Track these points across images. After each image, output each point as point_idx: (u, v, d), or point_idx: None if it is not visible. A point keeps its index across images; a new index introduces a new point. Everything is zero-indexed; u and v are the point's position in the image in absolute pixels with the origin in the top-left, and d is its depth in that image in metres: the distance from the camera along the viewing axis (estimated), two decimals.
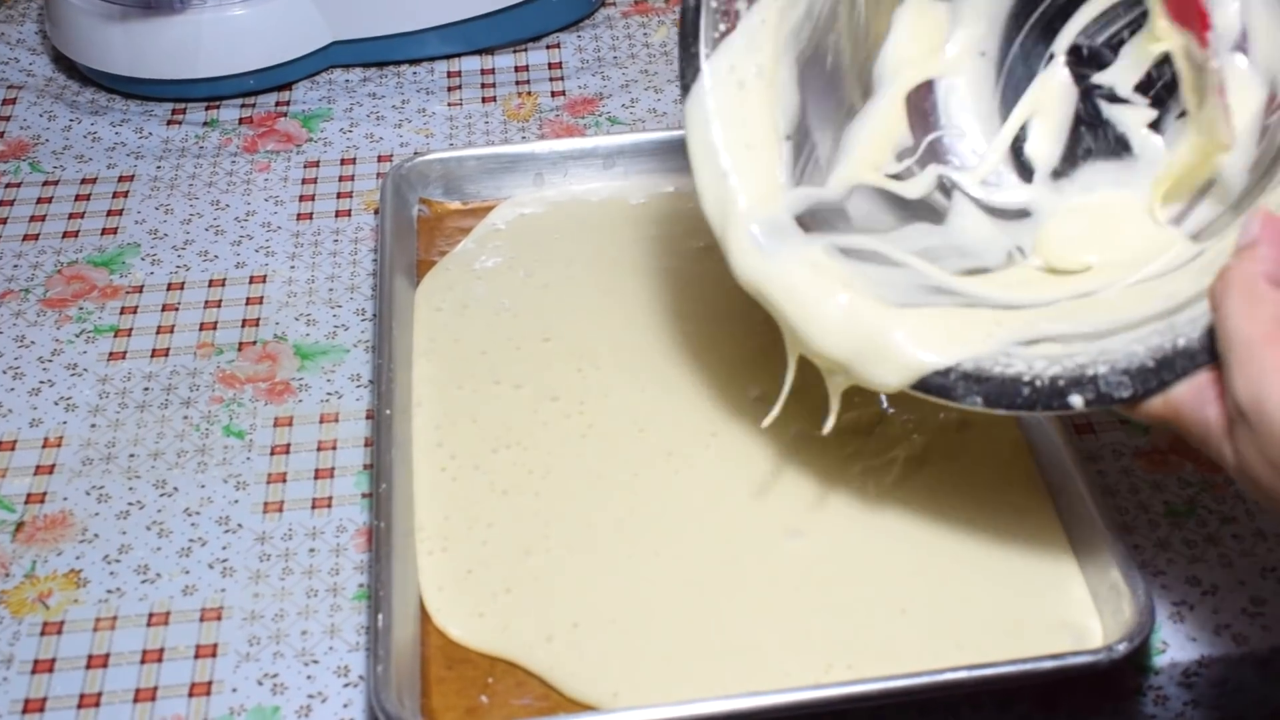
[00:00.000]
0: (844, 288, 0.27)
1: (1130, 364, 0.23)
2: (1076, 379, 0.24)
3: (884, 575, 0.29)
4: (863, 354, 0.26)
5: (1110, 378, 0.23)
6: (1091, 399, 0.24)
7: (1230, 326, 0.21)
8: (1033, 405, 0.24)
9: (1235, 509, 0.32)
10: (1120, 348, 0.24)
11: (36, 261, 0.40)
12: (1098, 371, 0.24)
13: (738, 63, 0.28)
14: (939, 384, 0.25)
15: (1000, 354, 0.25)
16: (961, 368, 0.25)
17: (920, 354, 0.25)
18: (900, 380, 0.26)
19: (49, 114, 0.46)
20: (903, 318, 0.26)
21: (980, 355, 0.25)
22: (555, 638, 0.28)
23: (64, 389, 0.36)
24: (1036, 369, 0.24)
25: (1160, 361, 0.23)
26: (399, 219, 0.38)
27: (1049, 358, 0.25)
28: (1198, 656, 0.29)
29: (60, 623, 0.30)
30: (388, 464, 0.31)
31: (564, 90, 0.46)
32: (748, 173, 0.28)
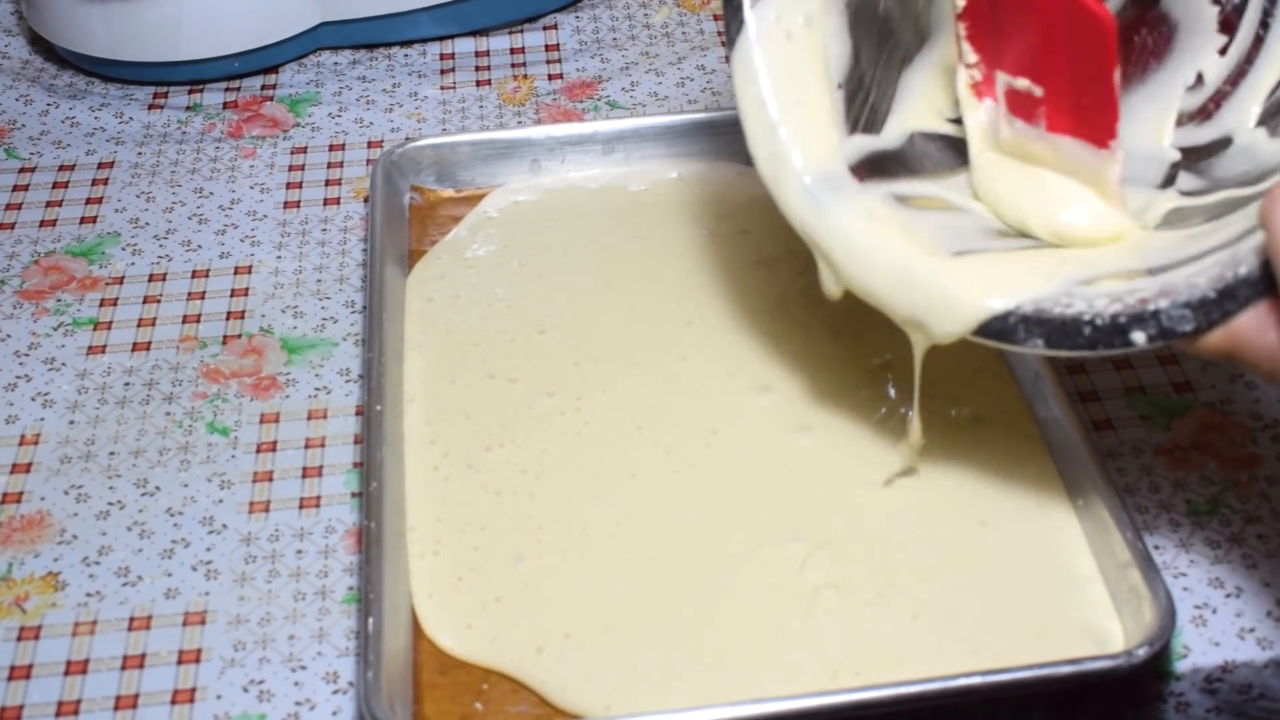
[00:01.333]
0: (902, 235, 0.26)
1: (1192, 296, 0.23)
2: (1138, 315, 0.23)
3: (893, 579, 0.28)
4: (923, 302, 0.25)
5: (1172, 311, 0.23)
6: (1154, 334, 0.23)
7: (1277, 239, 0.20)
8: (1095, 344, 0.24)
9: (1260, 508, 0.31)
10: (1182, 280, 0.23)
11: (12, 252, 0.39)
12: (1159, 306, 0.23)
13: (784, 13, 0.27)
14: (998, 328, 0.25)
15: (1062, 294, 0.24)
16: (1021, 310, 0.24)
17: (980, 299, 0.25)
18: (962, 327, 0.25)
19: (25, 98, 0.45)
20: (962, 264, 0.25)
21: (1041, 297, 0.25)
22: (546, 649, 0.27)
23: (41, 384, 0.35)
24: (1097, 307, 0.24)
25: (1222, 291, 0.22)
26: (390, 207, 0.37)
27: (1111, 295, 0.24)
28: (1221, 661, 0.28)
29: (37, 627, 0.29)
30: (378, 462, 0.30)
31: (561, 73, 0.45)
32: (799, 126, 0.27)
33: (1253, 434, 0.32)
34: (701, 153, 0.39)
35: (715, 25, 0.48)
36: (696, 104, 0.44)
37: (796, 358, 0.33)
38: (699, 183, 0.39)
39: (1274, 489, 0.31)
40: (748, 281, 0.36)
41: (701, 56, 0.46)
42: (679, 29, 0.47)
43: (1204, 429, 0.32)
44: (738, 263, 0.37)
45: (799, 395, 0.33)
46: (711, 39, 0.47)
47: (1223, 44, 0.26)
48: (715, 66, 0.45)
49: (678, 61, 0.46)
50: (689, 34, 0.47)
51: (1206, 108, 0.27)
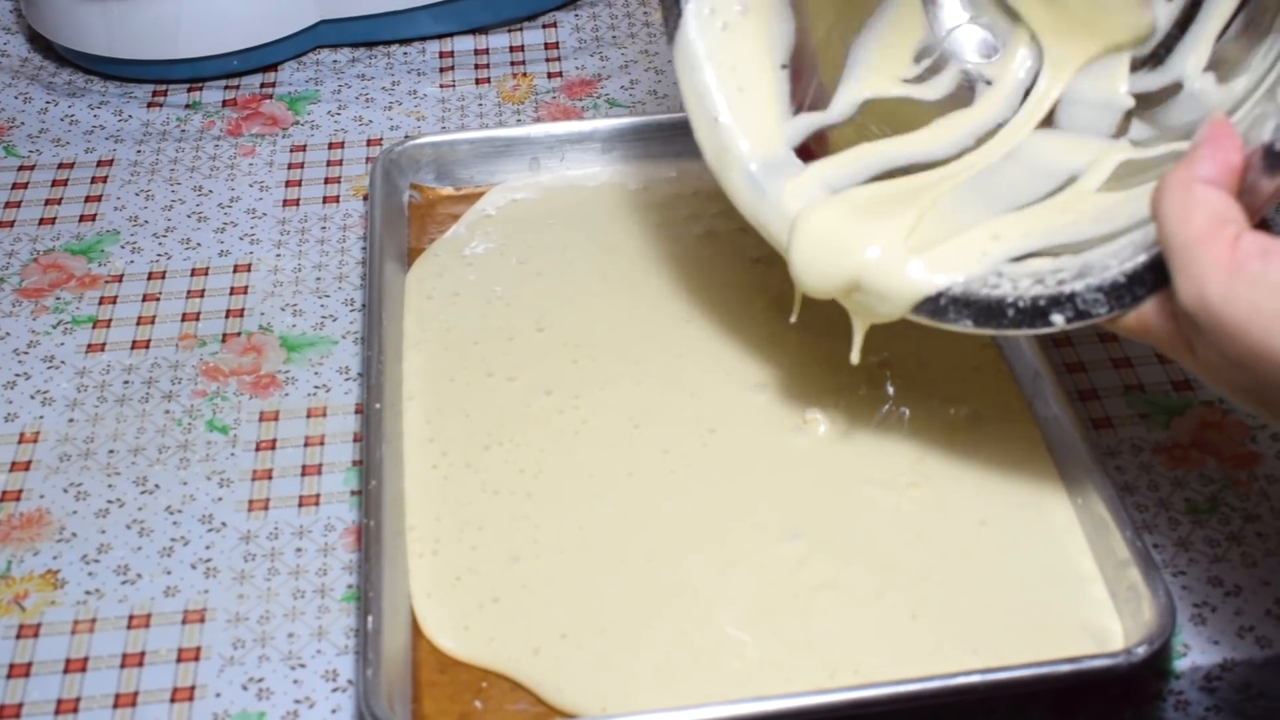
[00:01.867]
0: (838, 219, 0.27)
1: (1104, 280, 0.24)
2: (1056, 298, 0.24)
3: (892, 579, 0.28)
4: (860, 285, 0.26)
5: (1087, 295, 0.24)
6: (1071, 316, 0.24)
7: (1168, 232, 0.21)
8: (1018, 325, 0.25)
9: (1259, 506, 0.31)
10: (1098, 262, 0.24)
11: (11, 250, 0.39)
12: (1075, 289, 0.24)
13: (718, 4, 0.28)
14: (930, 309, 0.26)
15: (990, 274, 0.25)
16: (951, 291, 0.26)
17: (914, 281, 0.26)
18: (899, 308, 0.26)
19: (24, 96, 0.45)
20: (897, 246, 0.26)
21: (971, 277, 0.25)
22: (542, 650, 0.27)
23: (40, 382, 0.35)
24: (1020, 289, 0.25)
25: (1131, 277, 0.23)
26: (389, 205, 0.37)
27: (1034, 275, 0.25)
28: (1220, 660, 0.28)
29: (37, 625, 0.29)
30: (377, 460, 0.30)
31: (561, 71, 0.45)
32: (742, 113, 0.28)
33: (1252, 432, 0.32)
34: (698, 152, 0.39)
35: None
36: None
37: (794, 356, 0.33)
38: (697, 181, 0.39)
39: (1273, 487, 0.31)
40: (746, 279, 0.36)
41: None
42: None
43: (1203, 427, 0.32)
44: (736, 260, 0.37)
45: (796, 393, 0.33)
46: None
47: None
48: None
49: None
50: None
51: (1157, 53, 0.27)
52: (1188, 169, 0.20)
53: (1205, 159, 0.20)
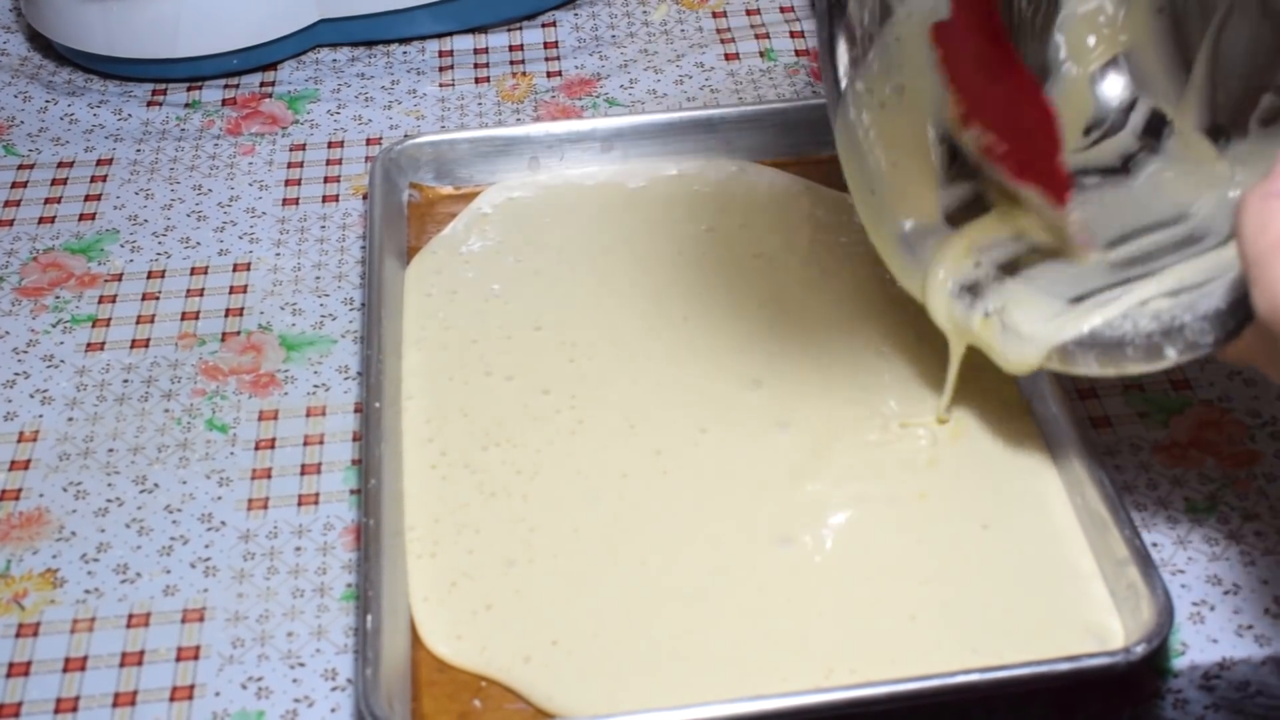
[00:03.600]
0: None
1: (1209, 308, 0.24)
2: (1168, 331, 0.24)
3: (888, 580, 0.28)
4: (1008, 344, 0.28)
5: (1194, 325, 0.24)
6: (1182, 348, 0.24)
7: (1245, 246, 0.20)
8: (1138, 362, 0.25)
9: (1258, 505, 0.31)
10: (1209, 293, 0.24)
11: (11, 249, 0.39)
12: (1184, 321, 0.24)
13: (874, 85, 0.29)
14: (1059, 354, 0.27)
15: (1118, 318, 0.26)
16: (1079, 337, 0.27)
17: (1049, 334, 0.27)
18: (1039, 357, 0.27)
19: (24, 94, 0.45)
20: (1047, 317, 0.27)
21: (1097, 324, 0.26)
22: (533, 658, 0.27)
23: (39, 381, 0.35)
24: (1140, 326, 0.25)
25: (1233, 303, 0.23)
26: (388, 204, 0.37)
27: (1154, 313, 0.25)
28: (1219, 659, 0.28)
29: (36, 624, 0.29)
30: (376, 459, 0.30)
31: (560, 70, 0.45)
32: (896, 186, 0.30)
33: (1251, 431, 0.32)
34: (700, 150, 0.39)
35: (714, 23, 0.48)
36: (695, 101, 0.44)
37: (791, 351, 0.33)
38: (698, 179, 0.39)
39: (1272, 486, 0.31)
40: (745, 275, 0.36)
41: (700, 54, 0.46)
42: (678, 26, 0.47)
43: (1202, 426, 0.32)
44: (735, 257, 0.37)
45: (792, 390, 0.32)
46: (710, 36, 0.47)
47: None
48: (714, 64, 0.45)
49: (676, 59, 0.46)
50: (688, 31, 0.47)
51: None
52: (1266, 183, 0.20)
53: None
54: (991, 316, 0.28)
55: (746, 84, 0.44)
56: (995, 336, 0.28)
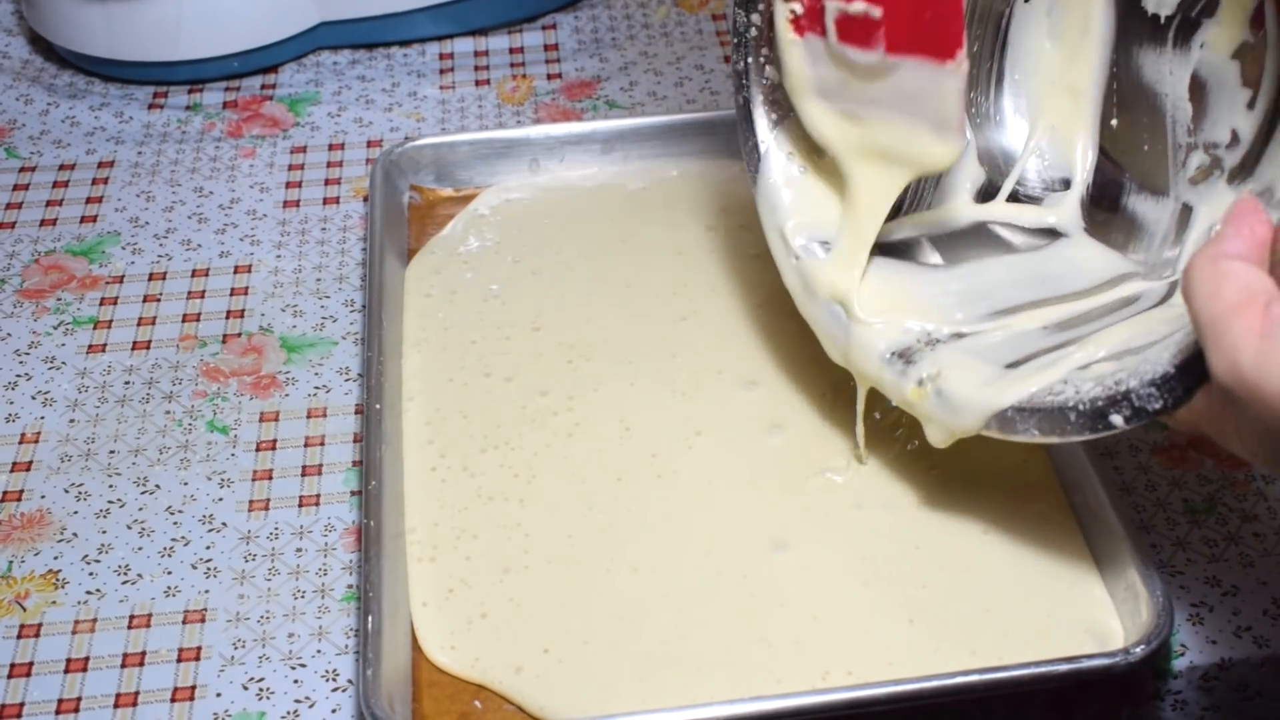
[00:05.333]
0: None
1: (1156, 373, 0.23)
2: (1113, 397, 0.24)
3: (885, 584, 0.28)
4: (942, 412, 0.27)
5: (1141, 391, 0.23)
6: (1129, 415, 0.23)
7: (1196, 309, 0.20)
8: (1081, 429, 0.24)
9: (1257, 506, 0.31)
10: (1154, 358, 0.23)
11: (13, 251, 0.39)
12: (1129, 386, 0.23)
13: (795, 149, 0.30)
14: (999, 420, 0.26)
15: (1057, 383, 0.25)
16: (1016, 403, 0.26)
17: (990, 394, 0.26)
18: (973, 422, 0.26)
19: (25, 97, 0.45)
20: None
21: (1040, 388, 0.25)
22: (524, 669, 0.27)
23: (41, 383, 0.35)
24: (1082, 392, 0.24)
25: (1180, 368, 0.22)
26: (389, 206, 0.37)
27: (1096, 378, 0.24)
28: (1217, 660, 0.28)
29: (38, 625, 0.29)
30: (377, 460, 0.30)
31: (560, 73, 0.45)
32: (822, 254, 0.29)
33: None
34: (700, 152, 0.39)
35: (714, 25, 0.48)
36: (695, 103, 0.44)
37: (788, 351, 0.33)
38: (698, 180, 0.39)
39: (1270, 488, 0.31)
40: (744, 276, 0.36)
41: (700, 56, 0.46)
42: (677, 29, 0.47)
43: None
44: (734, 257, 0.37)
45: (788, 392, 0.32)
46: (710, 39, 0.47)
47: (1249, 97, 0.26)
48: (713, 66, 0.46)
49: (676, 61, 0.46)
50: (687, 34, 0.47)
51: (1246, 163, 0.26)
52: (1215, 246, 0.20)
53: (1232, 235, 0.20)
54: (925, 384, 0.27)
55: None
56: (930, 405, 0.27)
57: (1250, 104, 0.26)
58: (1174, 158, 0.28)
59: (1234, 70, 0.26)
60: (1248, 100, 0.26)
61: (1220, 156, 0.27)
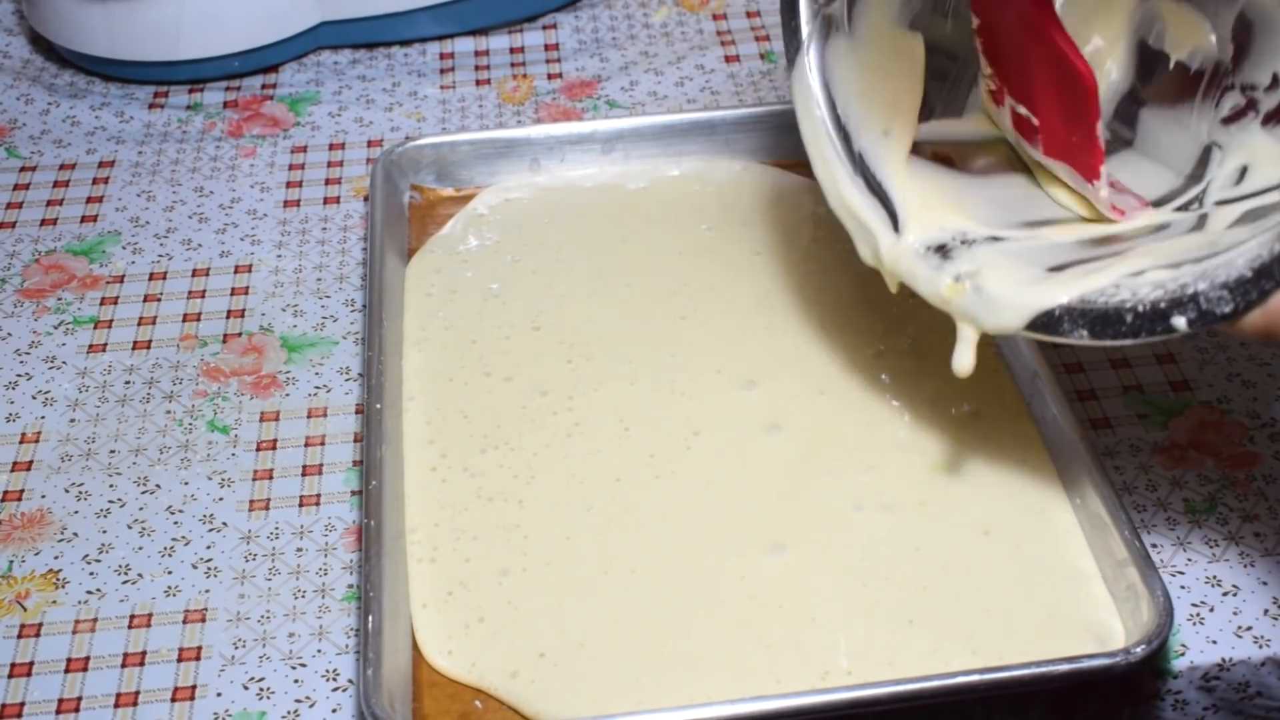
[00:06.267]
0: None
1: (1229, 276, 0.22)
2: (1178, 299, 0.23)
3: (885, 585, 0.28)
4: (979, 289, 0.26)
5: (1210, 293, 0.22)
6: (1194, 318, 0.23)
7: None
8: (1137, 332, 0.24)
9: (1257, 506, 0.31)
10: (1223, 262, 0.23)
11: (13, 250, 0.39)
12: (1198, 289, 0.23)
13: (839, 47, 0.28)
14: (1044, 322, 0.25)
15: (1109, 286, 0.24)
16: (1066, 303, 0.25)
17: (1036, 291, 0.25)
18: (1015, 319, 0.25)
19: (26, 97, 0.45)
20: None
21: (1087, 290, 0.25)
22: (520, 673, 0.27)
23: (41, 382, 0.35)
24: (1140, 295, 0.24)
25: (1259, 270, 0.22)
26: (389, 206, 0.37)
27: (1155, 283, 0.24)
28: (1218, 660, 0.28)
29: (38, 625, 0.29)
30: (377, 460, 0.30)
31: (561, 72, 0.45)
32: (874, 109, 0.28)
33: (1250, 433, 0.32)
34: (700, 151, 0.39)
35: (714, 25, 0.48)
36: (695, 103, 0.44)
37: (787, 351, 0.33)
38: (699, 179, 0.39)
39: (1271, 487, 0.31)
40: (744, 273, 0.36)
41: (700, 56, 0.46)
42: (678, 28, 0.47)
43: (1201, 427, 0.32)
44: (735, 255, 0.37)
45: (787, 391, 0.32)
46: (710, 39, 0.47)
47: None
48: (714, 66, 0.46)
49: (677, 61, 0.46)
50: (688, 33, 0.47)
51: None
52: None
53: None
54: (962, 280, 0.26)
55: (747, 86, 0.44)
56: (967, 301, 0.26)
57: None
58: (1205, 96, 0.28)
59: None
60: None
61: (1258, 99, 0.26)
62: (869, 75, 0.29)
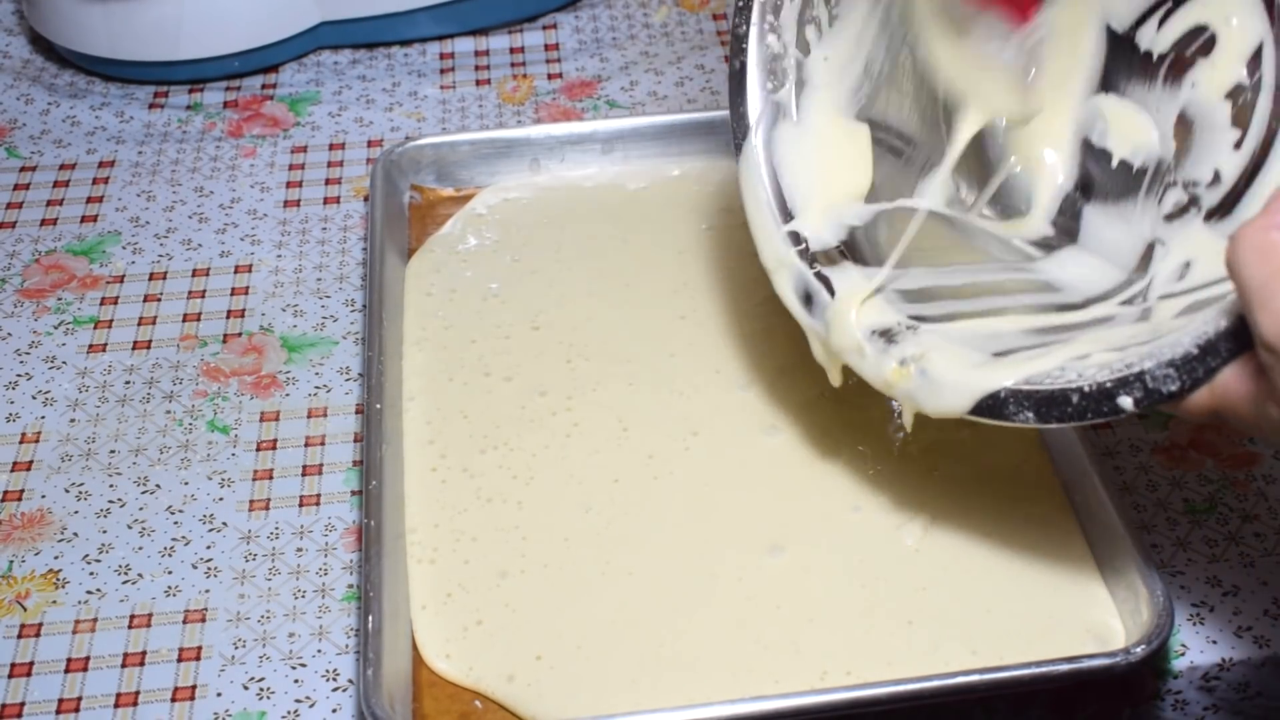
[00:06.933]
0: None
1: (1175, 354, 0.22)
2: (1123, 379, 0.23)
3: (884, 586, 0.28)
4: (925, 392, 0.26)
5: (1156, 372, 0.23)
6: (1140, 397, 0.23)
7: (1245, 276, 0.20)
8: (1083, 413, 0.24)
9: (1258, 506, 0.31)
10: (1168, 342, 0.23)
11: (13, 250, 0.39)
12: (1144, 368, 0.23)
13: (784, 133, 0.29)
14: (989, 405, 0.25)
15: (1054, 369, 0.25)
16: (1012, 386, 0.25)
17: (979, 375, 0.25)
18: (959, 403, 0.25)
19: (26, 97, 0.45)
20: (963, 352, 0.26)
21: (1033, 373, 0.25)
22: (516, 677, 0.27)
23: (42, 382, 0.35)
24: (1087, 375, 0.24)
25: (1204, 347, 0.22)
26: (389, 206, 0.37)
27: (1101, 365, 0.24)
28: (1218, 660, 0.28)
29: (38, 624, 0.29)
30: (377, 460, 0.30)
31: (561, 73, 0.45)
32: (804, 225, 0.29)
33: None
34: (700, 151, 0.39)
35: (714, 25, 0.48)
36: (695, 103, 0.44)
37: (786, 352, 0.33)
38: (699, 180, 0.39)
39: (1271, 488, 0.31)
40: (744, 274, 0.36)
41: (700, 56, 0.46)
42: (678, 29, 0.47)
43: (1201, 428, 0.32)
44: (735, 256, 0.37)
45: (786, 391, 0.32)
46: (711, 39, 0.47)
47: (1237, 138, 0.26)
48: (714, 66, 0.46)
49: (677, 61, 0.46)
50: (688, 34, 0.47)
51: (1225, 203, 0.26)
52: (1264, 219, 0.20)
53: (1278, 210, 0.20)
54: (907, 364, 0.26)
55: None
56: (912, 385, 0.26)
57: (1237, 145, 0.26)
58: (1148, 192, 0.28)
59: (1225, 110, 0.26)
60: (1235, 141, 0.26)
61: (1199, 195, 0.27)
62: (815, 159, 0.29)
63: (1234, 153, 0.26)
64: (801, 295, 0.28)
